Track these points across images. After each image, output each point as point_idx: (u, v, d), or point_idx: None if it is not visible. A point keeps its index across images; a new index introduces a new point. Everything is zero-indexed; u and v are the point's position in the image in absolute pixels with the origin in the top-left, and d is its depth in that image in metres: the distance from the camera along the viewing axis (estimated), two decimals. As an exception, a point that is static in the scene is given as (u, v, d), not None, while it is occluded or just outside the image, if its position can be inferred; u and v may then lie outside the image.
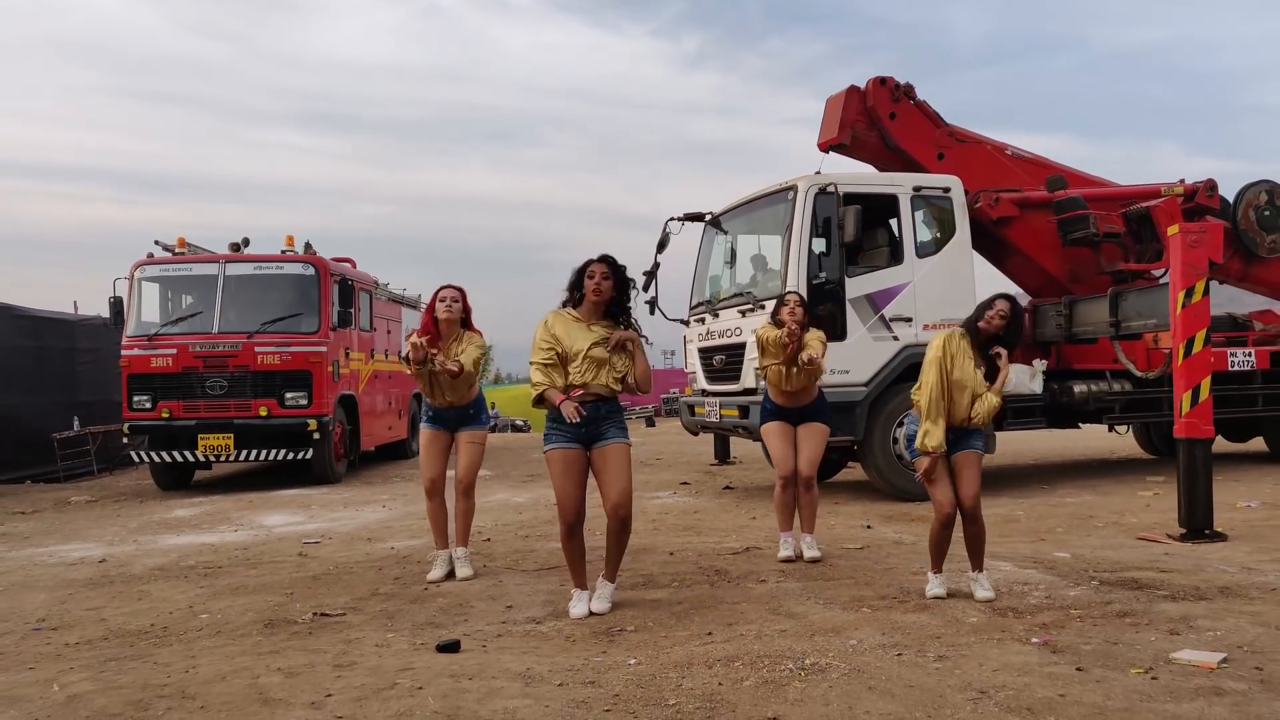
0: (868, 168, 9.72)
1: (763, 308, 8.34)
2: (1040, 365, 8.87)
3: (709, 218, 9.61)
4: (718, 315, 8.93)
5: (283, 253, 12.12)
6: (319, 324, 11.48)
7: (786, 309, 5.51)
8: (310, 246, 12.32)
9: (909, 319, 8.22)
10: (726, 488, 9.76)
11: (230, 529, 7.89)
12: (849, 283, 8.26)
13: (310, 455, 11.18)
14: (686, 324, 9.78)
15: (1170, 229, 6.13)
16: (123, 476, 12.97)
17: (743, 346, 8.50)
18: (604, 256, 4.36)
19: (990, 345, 4.39)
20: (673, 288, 11.43)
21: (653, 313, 9.63)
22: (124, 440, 10.93)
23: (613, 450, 4.33)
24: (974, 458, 4.40)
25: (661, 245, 9.55)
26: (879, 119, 9.45)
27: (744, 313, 8.47)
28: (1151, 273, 9.45)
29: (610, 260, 4.35)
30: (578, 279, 4.36)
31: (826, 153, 9.69)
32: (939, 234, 8.84)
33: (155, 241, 11.56)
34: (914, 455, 4.41)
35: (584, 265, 4.35)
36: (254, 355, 11.01)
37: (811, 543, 5.55)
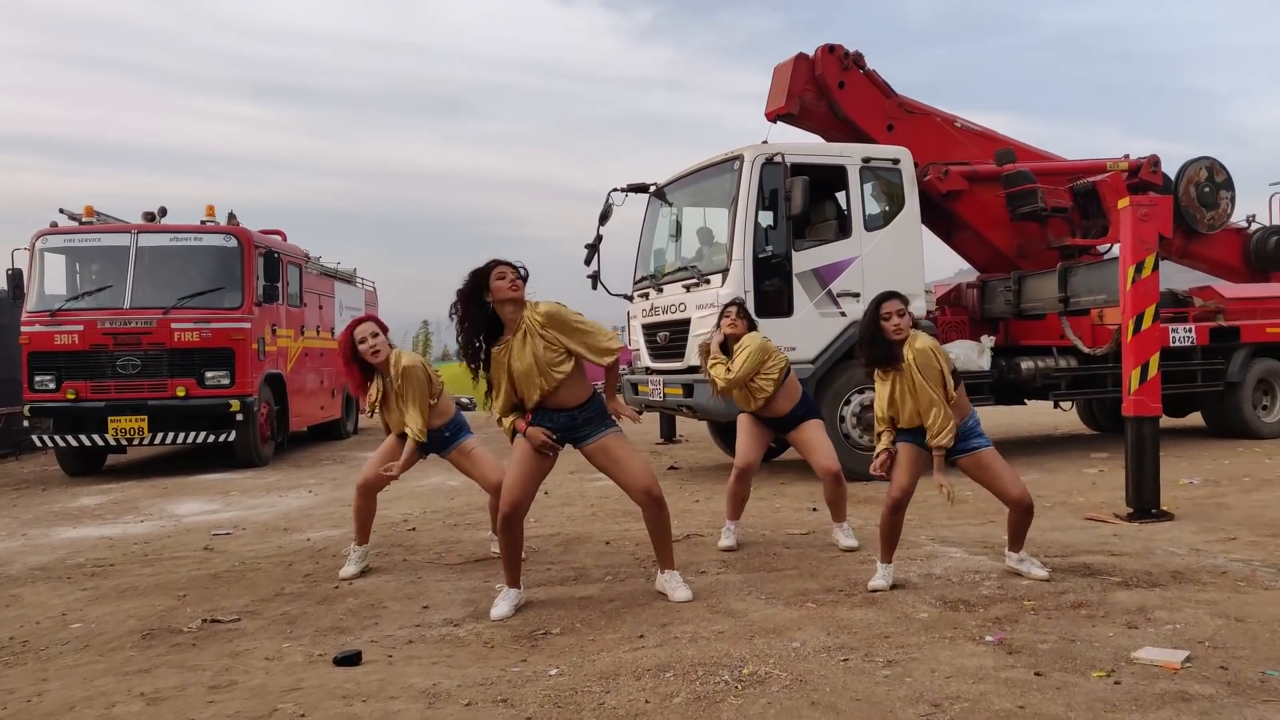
0: (816, 138, 9.44)
1: (708, 282, 8.03)
2: (988, 341, 8.71)
3: (653, 189, 9.25)
4: (662, 290, 8.57)
5: (202, 223, 11.48)
6: (242, 299, 10.89)
7: (727, 320, 5.24)
8: (234, 217, 11.69)
9: (857, 294, 7.96)
10: (671, 468, 9.47)
11: (136, 519, 7.36)
12: (796, 256, 7.98)
13: (233, 438, 10.65)
14: (630, 299, 9.43)
15: (1120, 202, 5.92)
16: (28, 462, 12.24)
17: (687, 323, 8.18)
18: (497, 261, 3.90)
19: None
20: (616, 262, 11.08)
21: (595, 288, 9.27)
22: (24, 423, 10.26)
23: (605, 445, 4.00)
24: (984, 458, 4.13)
25: (604, 217, 9.17)
26: (828, 88, 9.16)
27: (689, 288, 8.13)
28: (1097, 249, 9.36)
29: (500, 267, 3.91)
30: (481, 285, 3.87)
31: (774, 122, 9.38)
32: (888, 207, 8.59)
33: (60, 210, 10.83)
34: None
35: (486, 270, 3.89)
36: (170, 332, 10.42)
37: (848, 530, 5.19)
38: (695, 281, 8.08)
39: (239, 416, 10.54)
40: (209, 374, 10.49)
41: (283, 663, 3.41)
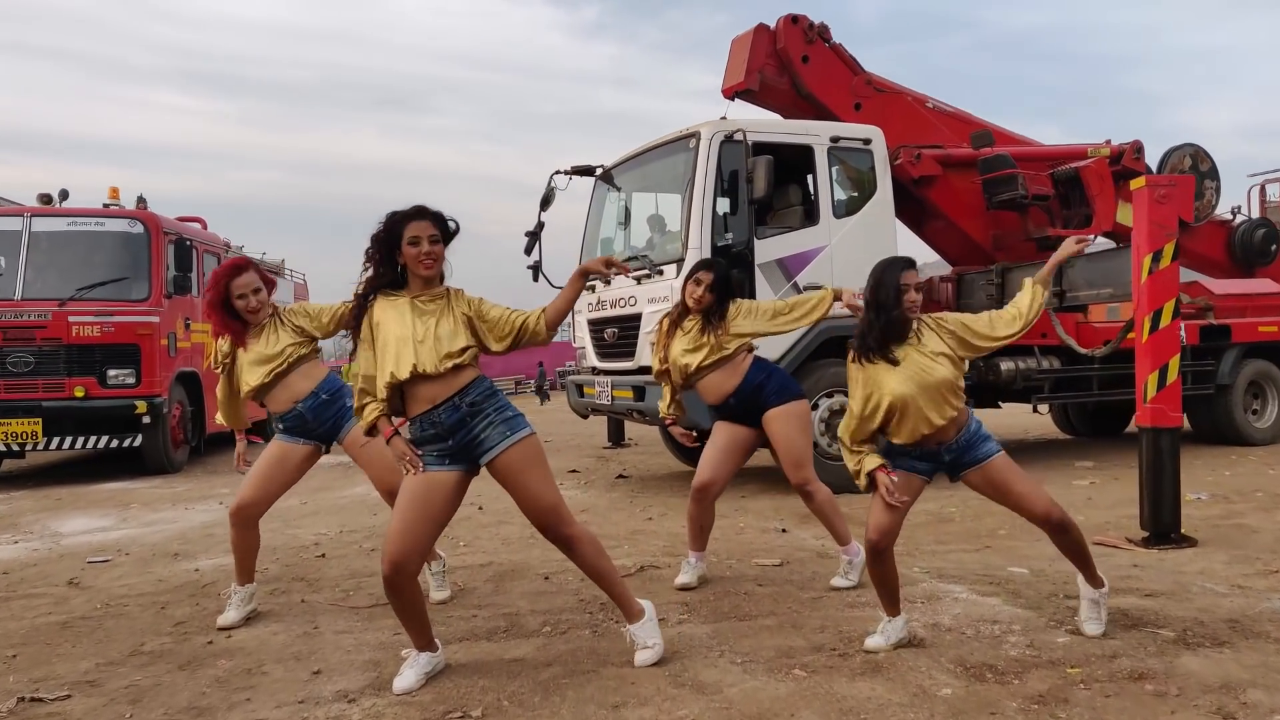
0: (778, 117, 8.70)
1: (660, 273, 7.24)
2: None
3: (600, 171, 8.43)
4: (609, 283, 7.75)
5: (105, 206, 10.41)
6: (149, 290, 9.91)
7: (701, 287, 4.19)
8: (143, 201, 10.63)
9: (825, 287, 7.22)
10: (620, 476, 8.68)
11: (10, 540, 6.37)
12: (759, 245, 7.23)
13: (139, 442, 9.67)
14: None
15: (1135, 182, 5.25)
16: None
17: (638, 318, 7.39)
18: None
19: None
20: (559, 251, 10.28)
21: (536, 279, 8.42)
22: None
23: (506, 460, 3.11)
24: (992, 471, 3.29)
25: (546, 202, 8.34)
26: (790, 62, 8.42)
27: (639, 279, 7.33)
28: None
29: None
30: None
31: (732, 99, 8.62)
32: (858, 192, 7.89)
33: (-59, 190, 9.67)
34: None
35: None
36: (68, 326, 9.43)
37: (849, 561, 4.24)
38: (647, 272, 7.29)
39: (146, 419, 9.61)
40: (111, 372, 9.57)
41: (100, 775, 2.54)
